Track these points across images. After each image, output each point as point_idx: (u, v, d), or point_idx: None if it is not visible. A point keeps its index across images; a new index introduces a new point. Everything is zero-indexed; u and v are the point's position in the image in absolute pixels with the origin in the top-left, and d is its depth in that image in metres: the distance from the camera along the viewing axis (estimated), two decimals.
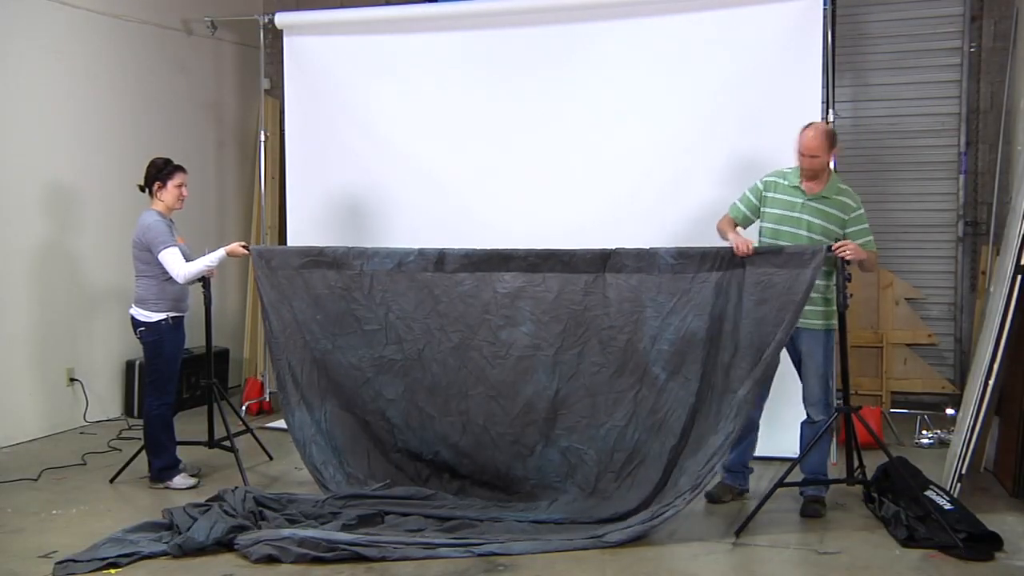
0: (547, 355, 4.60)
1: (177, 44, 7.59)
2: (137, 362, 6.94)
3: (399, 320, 4.77)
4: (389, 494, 4.72)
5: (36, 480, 5.34)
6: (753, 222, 4.77)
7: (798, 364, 4.70)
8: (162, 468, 5.24)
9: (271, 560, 4.02)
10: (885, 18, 7.10)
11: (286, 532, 4.16)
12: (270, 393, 5.80)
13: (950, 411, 6.16)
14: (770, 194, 4.68)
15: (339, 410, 4.89)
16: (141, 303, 5.20)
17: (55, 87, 6.51)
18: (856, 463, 4.62)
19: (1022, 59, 6.36)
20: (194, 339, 7.22)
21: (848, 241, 4.44)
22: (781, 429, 5.78)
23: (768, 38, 5.71)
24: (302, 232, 6.64)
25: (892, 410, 6.18)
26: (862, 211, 4.61)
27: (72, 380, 6.64)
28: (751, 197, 4.75)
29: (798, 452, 4.74)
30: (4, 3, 6.14)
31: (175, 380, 5.28)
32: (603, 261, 4.58)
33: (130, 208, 7.11)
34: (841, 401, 4.60)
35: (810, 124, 4.63)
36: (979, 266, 6.77)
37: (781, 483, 4.44)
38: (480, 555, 4.07)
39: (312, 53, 6.70)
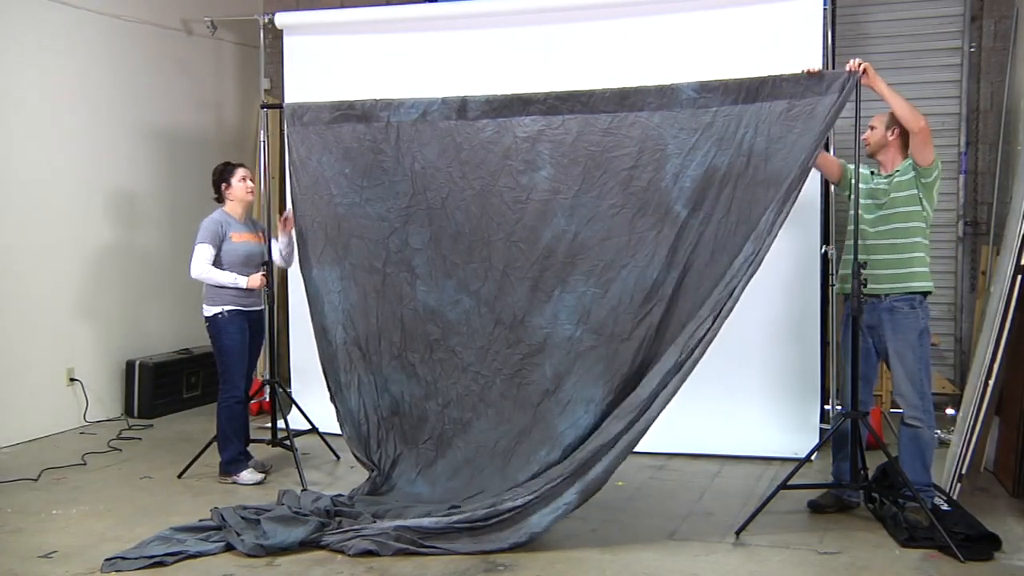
0: (565, 198, 4.57)
1: (177, 44, 7.59)
2: (137, 362, 7.03)
3: (423, 170, 4.80)
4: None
5: (36, 480, 5.33)
6: (843, 184, 4.72)
7: (869, 359, 4.63)
8: (227, 462, 5.28)
9: (369, 554, 4.08)
10: (885, 18, 7.10)
11: (376, 525, 4.23)
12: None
13: (950, 411, 6.16)
14: (850, 179, 4.60)
15: (356, 269, 4.92)
16: (204, 297, 5.29)
17: (54, 86, 6.50)
18: (860, 465, 4.61)
19: (1022, 59, 6.36)
20: (194, 339, 7.20)
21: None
22: (781, 429, 5.79)
23: (768, 38, 5.71)
24: (302, 232, 6.63)
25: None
26: (933, 179, 4.47)
27: (72, 380, 6.64)
28: (846, 165, 4.71)
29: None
30: (4, 3, 6.14)
31: (240, 374, 5.29)
32: (622, 100, 4.53)
33: (128, 207, 7.13)
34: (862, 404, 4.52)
35: None
36: (979, 266, 6.76)
37: (784, 485, 4.42)
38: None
39: (312, 53, 6.71)
